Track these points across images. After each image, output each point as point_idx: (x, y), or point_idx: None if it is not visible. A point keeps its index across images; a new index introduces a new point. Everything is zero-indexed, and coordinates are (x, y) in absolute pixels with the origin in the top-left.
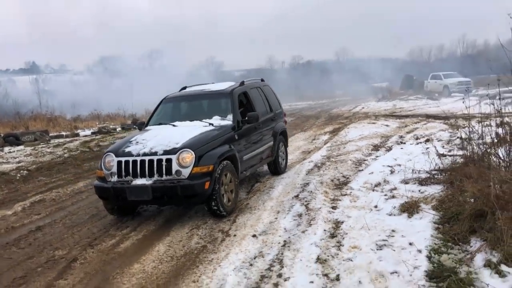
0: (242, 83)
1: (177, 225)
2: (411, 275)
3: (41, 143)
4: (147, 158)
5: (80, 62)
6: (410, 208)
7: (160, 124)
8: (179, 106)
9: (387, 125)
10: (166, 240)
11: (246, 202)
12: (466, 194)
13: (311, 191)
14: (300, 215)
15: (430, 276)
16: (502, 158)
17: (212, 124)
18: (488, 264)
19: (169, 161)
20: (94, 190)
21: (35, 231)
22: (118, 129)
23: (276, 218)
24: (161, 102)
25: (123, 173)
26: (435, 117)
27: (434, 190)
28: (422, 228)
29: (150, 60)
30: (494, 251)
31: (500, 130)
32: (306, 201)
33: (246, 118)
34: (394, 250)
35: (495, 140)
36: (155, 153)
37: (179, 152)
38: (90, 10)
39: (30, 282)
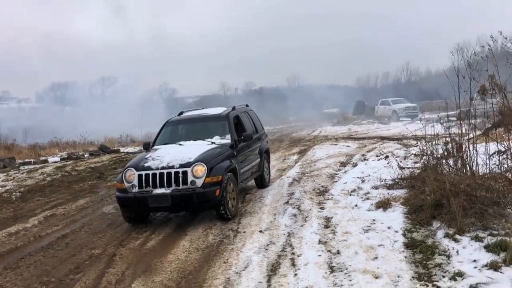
0: (233, 108)
1: (190, 228)
2: (393, 246)
3: (12, 170)
4: (165, 171)
5: (25, 89)
6: (384, 205)
7: (166, 144)
8: (181, 128)
9: (348, 146)
10: (186, 238)
11: (244, 209)
12: (426, 193)
13: (298, 198)
14: (295, 215)
15: (407, 245)
16: (451, 166)
17: (214, 143)
18: (446, 235)
19: (184, 173)
20: (116, 200)
21: (63, 238)
22: (86, 155)
23: (274, 218)
24: (164, 125)
25: (144, 185)
26: (389, 138)
27: (400, 192)
28: (396, 217)
29: (102, 86)
30: (450, 228)
31: (448, 146)
32: (296, 205)
33: (242, 137)
34: (377, 232)
35: (445, 153)
36: (172, 167)
37: (193, 165)
38: (35, 36)
39: (85, 271)
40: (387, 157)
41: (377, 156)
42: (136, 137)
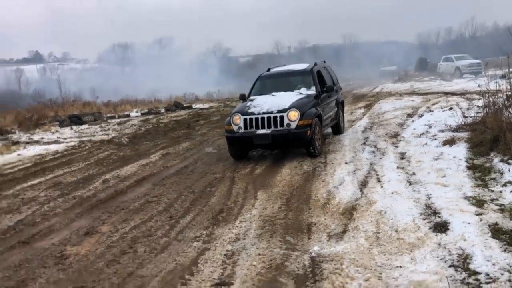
0: (315, 64)
1: (286, 161)
2: (457, 168)
3: (102, 122)
4: (266, 116)
5: (83, 51)
6: (449, 142)
7: (260, 94)
8: (272, 82)
9: (412, 100)
10: (285, 167)
11: (327, 148)
12: (486, 133)
13: (373, 140)
14: (373, 152)
15: (468, 168)
16: (510, 112)
17: (302, 93)
18: (501, 160)
19: (281, 117)
20: (226, 139)
21: (186, 168)
22: (162, 110)
23: (356, 154)
24: (257, 79)
25: (248, 126)
26: (452, 93)
27: (463, 134)
28: (460, 150)
29: (158, 47)
30: (505, 156)
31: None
32: (372, 145)
33: (325, 88)
34: (444, 160)
35: (506, 103)
36: (271, 112)
37: (288, 110)
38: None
39: (217, 186)
40: (451, 108)
41: (441, 108)
42: (198, 95)
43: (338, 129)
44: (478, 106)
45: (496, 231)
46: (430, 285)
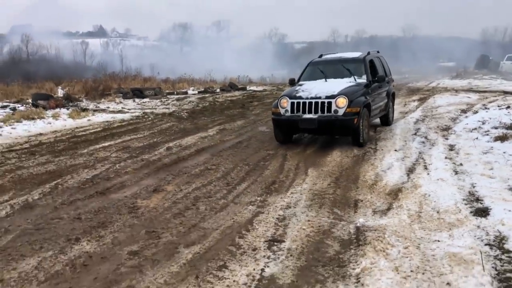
0: (368, 53)
1: (336, 145)
2: (506, 163)
3: (162, 98)
4: (313, 101)
5: (144, 28)
6: (501, 138)
7: (310, 80)
8: (323, 68)
9: (468, 97)
10: (336, 150)
11: (377, 136)
12: None
13: (424, 132)
14: (423, 142)
15: None
16: None
17: (352, 81)
18: None
19: (329, 103)
20: (272, 121)
21: (240, 143)
22: (218, 90)
23: (406, 143)
24: (308, 65)
25: (295, 110)
26: None
27: None
28: (511, 146)
29: (216, 29)
30: None
31: None
32: (423, 136)
33: (376, 78)
34: (494, 154)
35: None
36: (319, 97)
37: (337, 97)
38: None
39: (270, 161)
40: (508, 107)
41: (498, 106)
42: (252, 78)
43: (386, 121)
44: None
45: None
46: (464, 257)
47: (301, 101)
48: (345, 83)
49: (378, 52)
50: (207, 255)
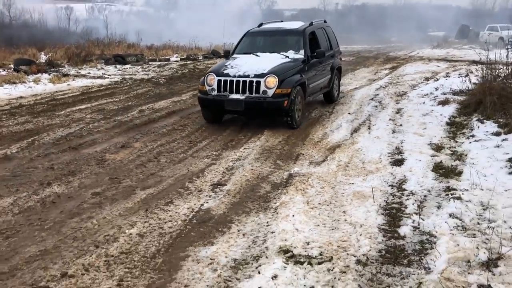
0: (311, 24)
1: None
2: (438, 123)
3: (143, 64)
4: (241, 79)
5: None
6: (443, 103)
7: (244, 53)
8: (259, 40)
9: (438, 66)
10: None
11: (340, 100)
12: (476, 96)
13: (381, 97)
14: (376, 106)
15: (448, 124)
16: (506, 80)
17: (288, 57)
18: (477, 120)
19: (258, 82)
20: (198, 100)
21: None
22: (200, 57)
23: (361, 106)
24: (244, 35)
25: (222, 89)
26: (482, 62)
27: (461, 97)
28: (448, 110)
29: None
30: (482, 116)
31: None
32: (378, 101)
33: (315, 53)
34: (431, 116)
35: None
36: (247, 76)
37: (266, 76)
38: None
39: (236, 121)
40: (467, 75)
41: (459, 74)
42: None
43: (330, 98)
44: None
45: (437, 167)
46: (364, 194)
47: (229, 79)
48: (279, 59)
49: (325, 21)
50: (159, 195)
